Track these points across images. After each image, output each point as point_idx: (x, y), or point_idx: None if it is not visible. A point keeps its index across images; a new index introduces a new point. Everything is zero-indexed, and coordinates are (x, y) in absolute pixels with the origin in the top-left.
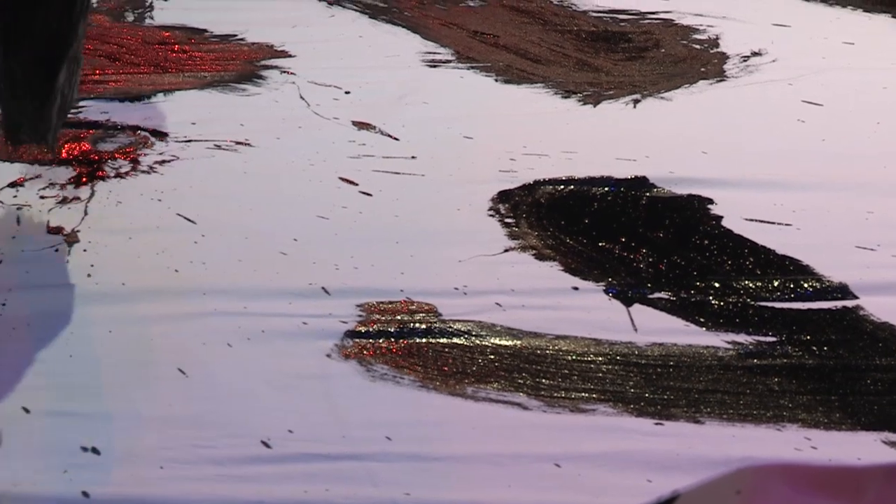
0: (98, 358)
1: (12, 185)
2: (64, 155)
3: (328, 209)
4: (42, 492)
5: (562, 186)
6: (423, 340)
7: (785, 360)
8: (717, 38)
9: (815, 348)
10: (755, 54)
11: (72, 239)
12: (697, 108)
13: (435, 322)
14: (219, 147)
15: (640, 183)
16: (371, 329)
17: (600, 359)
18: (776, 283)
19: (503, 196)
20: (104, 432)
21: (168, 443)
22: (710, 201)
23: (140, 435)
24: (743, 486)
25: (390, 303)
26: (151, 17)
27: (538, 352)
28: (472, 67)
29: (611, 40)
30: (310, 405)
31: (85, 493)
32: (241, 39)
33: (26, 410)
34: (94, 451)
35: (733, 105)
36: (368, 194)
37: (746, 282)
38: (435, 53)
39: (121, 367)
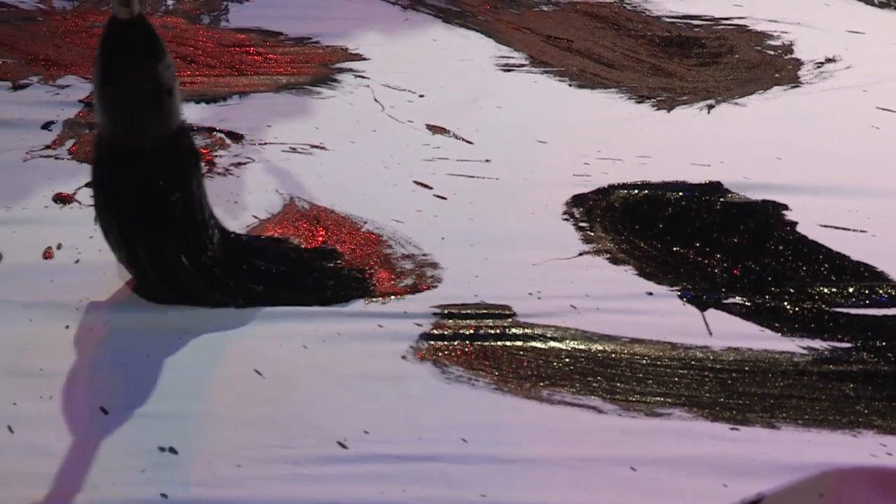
0: (175, 359)
1: (89, 185)
2: None
3: (403, 212)
4: (121, 493)
5: (636, 191)
6: (498, 343)
7: (860, 366)
8: (791, 45)
9: (890, 354)
10: (829, 60)
11: None
12: (771, 114)
13: (509, 325)
14: (294, 150)
15: (715, 188)
16: (446, 332)
17: (675, 363)
18: (851, 289)
19: (577, 200)
20: (181, 432)
21: (244, 443)
22: (785, 207)
23: (217, 435)
24: (826, 490)
25: (465, 305)
26: (227, 20)
27: (613, 356)
28: (546, 72)
29: (684, 45)
30: (385, 407)
31: (163, 495)
32: (316, 42)
33: (104, 411)
34: (172, 450)
35: (807, 111)
36: (443, 197)
37: (821, 287)
38: (508, 57)
39: (197, 368)
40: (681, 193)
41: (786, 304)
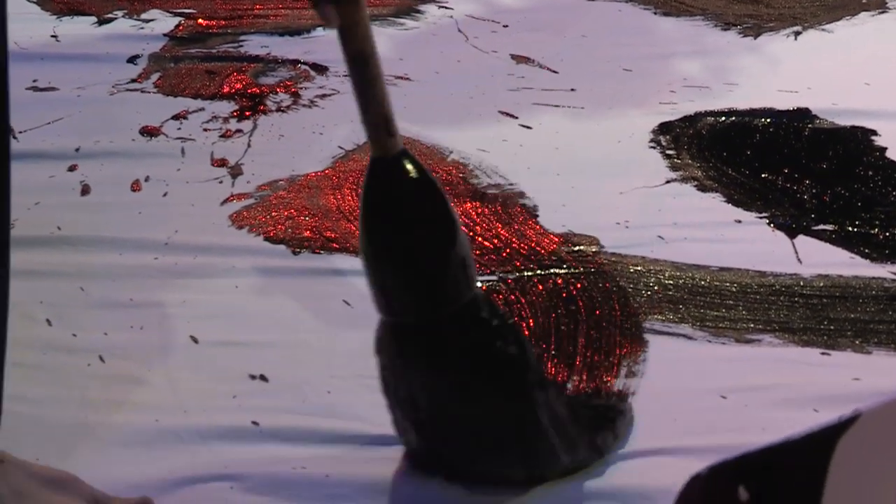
0: (264, 288)
1: (176, 117)
2: (226, 90)
3: (488, 142)
4: (212, 420)
5: (723, 118)
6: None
7: None
8: None
9: None
10: None
11: (236, 171)
12: (859, 40)
13: (597, 255)
14: None
15: (803, 114)
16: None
17: (764, 290)
18: None
19: (664, 128)
20: (272, 361)
21: (336, 372)
22: (874, 132)
23: (307, 363)
24: None
25: (553, 234)
26: None
27: (702, 284)
28: (630, 0)
29: None
30: None
31: (254, 422)
32: None
33: (194, 340)
34: (263, 378)
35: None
36: (528, 127)
37: None
38: None
39: (287, 298)
40: (768, 120)
41: (876, 230)
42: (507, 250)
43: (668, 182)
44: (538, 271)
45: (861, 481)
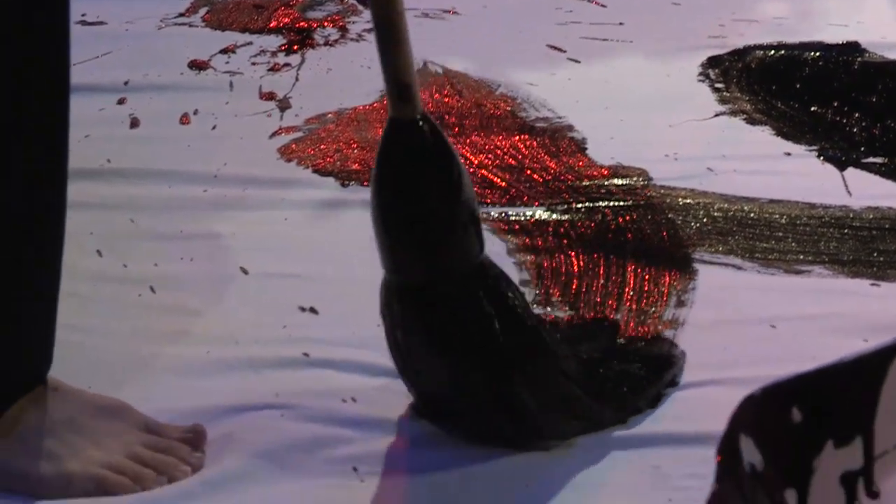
0: (312, 221)
1: (224, 51)
2: (273, 24)
3: (537, 76)
4: (262, 352)
5: (772, 52)
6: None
7: None
8: None
9: None
10: None
11: (284, 105)
12: None
13: (646, 187)
14: (426, 15)
15: (852, 48)
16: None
17: (814, 222)
18: None
19: (713, 61)
20: (322, 293)
21: None
22: None
23: (357, 296)
24: None
25: (601, 166)
26: None
27: (752, 215)
28: None
29: None
30: None
31: (305, 354)
32: None
33: (244, 271)
34: (313, 310)
35: None
36: (577, 61)
37: None
38: None
39: (336, 230)
40: (818, 54)
41: None
42: (556, 183)
43: (716, 115)
44: (587, 203)
45: None
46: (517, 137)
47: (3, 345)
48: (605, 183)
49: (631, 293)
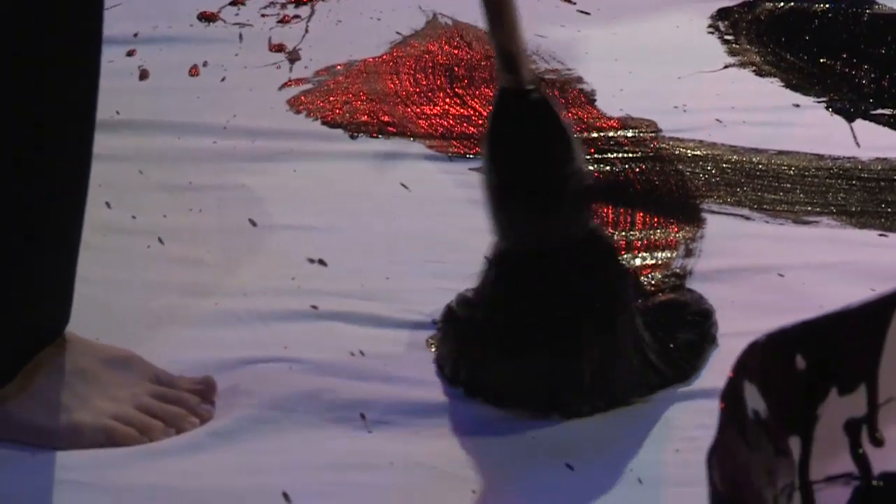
0: (321, 172)
1: (233, 3)
2: None
3: (546, 28)
4: (271, 304)
5: (781, 4)
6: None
7: None
8: None
9: None
10: None
11: (294, 57)
12: None
13: (655, 138)
14: None
15: (862, 0)
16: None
17: (822, 173)
18: None
19: (722, 13)
20: (330, 245)
21: (395, 257)
22: None
23: (366, 248)
24: None
25: (610, 118)
26: None
27: (760, 167)
28: None
29: None
30: None
31: (313, 306)
32: None
33: (253, 223)
34: (321, 262)
35: None
36: (586, 13)
37: None
38: None
39: (348, 182)
40: (827, 5)
41: None
42: None
43: (726, 67)
44: (596, 155)
45: None
46: None
47: (26, 300)
48: (615, 134)
49: (639, 242)
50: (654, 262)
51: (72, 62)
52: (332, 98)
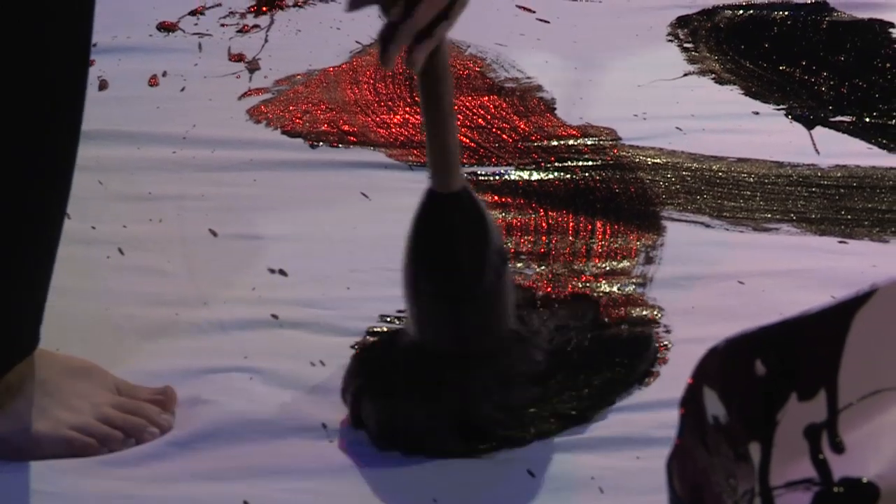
0: (283, 182)
1: (193, 13)
2: None
3: (506, 37)
4: (231, 313)
5: (741, 11)
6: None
7: None
8: None
9: None
10: None
11: (254, 66)
12: None
13: (615, 147)
14: None
15: (821, 7)
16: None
17: (782, 180)
18: None
19: (681, 21)
20: (291, 254)
21: (356, 266)
22: (892, 25)
23: (326, 257)
24: None
25: (570, 126)
26: None
27: (720, 174)
28: None
29: None
30: None
31: (274, 316)
32: None
33: (213, 233)
34: (282, 272)
35: None
36: (546, 21)
37: None
38: None
39: (307, 190)
40: (786, 13)
41: (893, 120)
42: (525, 143)
43: (685, 75)
44: (556, 163)
45: (878, 353)
46: (486, 98)
47: (9, 310)
48: (574, 143)
49: (600, 250)
50: (613, 269)
51: (59, 78)
52: (292, 107)
